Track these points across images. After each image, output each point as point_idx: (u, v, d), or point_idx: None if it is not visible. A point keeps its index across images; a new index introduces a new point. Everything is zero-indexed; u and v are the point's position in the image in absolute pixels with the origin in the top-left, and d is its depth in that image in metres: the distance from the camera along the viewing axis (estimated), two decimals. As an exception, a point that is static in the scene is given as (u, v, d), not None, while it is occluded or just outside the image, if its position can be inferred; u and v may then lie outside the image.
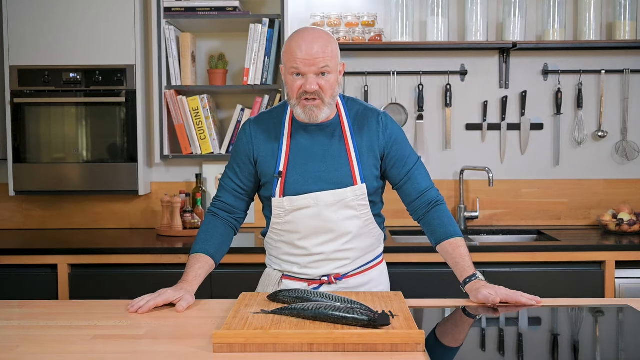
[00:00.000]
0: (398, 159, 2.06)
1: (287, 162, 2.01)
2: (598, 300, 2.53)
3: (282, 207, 2.02)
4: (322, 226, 2.01)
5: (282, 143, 2.03)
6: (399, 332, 1.53)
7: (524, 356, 1.60)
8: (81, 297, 2.92)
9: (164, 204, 3.36)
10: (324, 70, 1.92)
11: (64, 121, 3.31)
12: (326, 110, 1.96)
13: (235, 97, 3.56)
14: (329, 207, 2.00)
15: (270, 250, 2.15)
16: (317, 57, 1.89)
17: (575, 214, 3.59)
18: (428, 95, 3.56)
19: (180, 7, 3.30)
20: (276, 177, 2.01)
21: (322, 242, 2.03)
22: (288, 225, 2.04)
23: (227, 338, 1.53)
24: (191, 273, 1.96)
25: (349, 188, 2.00)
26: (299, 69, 1.91)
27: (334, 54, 1.94)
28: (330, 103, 1.97)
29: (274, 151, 2.03)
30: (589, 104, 3.56)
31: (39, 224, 3.59)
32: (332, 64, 1.93)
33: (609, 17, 3.51)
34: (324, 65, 1.91)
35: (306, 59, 1.89)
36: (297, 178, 2.00)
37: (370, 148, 2.04)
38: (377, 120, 2.06)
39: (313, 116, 1.96)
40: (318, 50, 1.90)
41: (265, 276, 2.17)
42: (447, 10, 3.44)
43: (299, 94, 1.93)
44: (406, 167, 2.07)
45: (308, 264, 2.06)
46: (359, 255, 2.08)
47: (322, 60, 1.90)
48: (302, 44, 1.90)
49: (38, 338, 1.64)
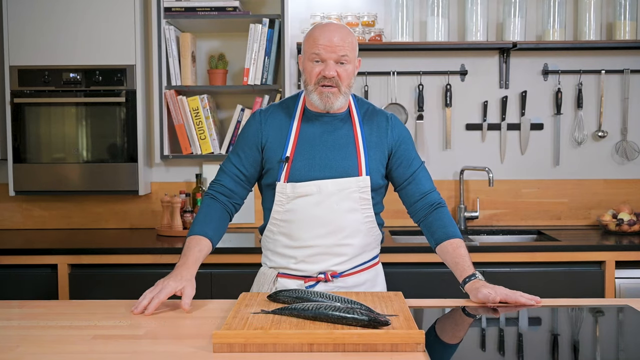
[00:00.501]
0: (404, 159, 2.10)
1: (295, 149, 2.04)
2: (598, 300, 2.53)
3: (285, 194, 2.03)
4: (323, 216, 2.02)
5: (291, 130, 2.06)
6: (399, 332, 1.53)
7: (524, 356, 1.60)
8: (81, 297, 2.92)
9: (164, 204, 3.36)
10: (343, 60, 1.98)
11: (64, 121, 3.31)
12: (341, 99, 2.01)
13: (235, 97, 3.56)
14: (331, 196, 2.01)
15: (267, 244, 2.14)
16: (338, 45, 1.96)
17: (575, 214, 3.59)
18: (428, 95, 3.56)
19: (180, 7, 3.30)
20: (282, 162, 2.03)
21: (320, 234, 2.03)
22: (288, 214, 2.04)
23: (227, 338, 1.53)
24: (191, 257, 1.94)
25: (353, 178, 2.02)
26: (320, 55, 1.97)
27: (353, 46, 2.01)
28: (346, 92, 2.02)
29: (282, 137, 2.06)
30: (589, 104, 3.56)
31: (39, 224, 3.59)
32: (351, 55, 2.00)
33: (609, 17, 3.51)
34: (343, 54, 1.97)
35: (328, 46, 1.96)
36: (303, 164, 2.03)
37: (378, 143, 2.07)
38: (387, 119, 2.12)
39: (329, 103, 2.00)
40: (339, 39, 1.97)
41: (260, 275, 2.16)
42: (447, 10, 3.44)
43: (318, 79, 1.99)
44: (411, 168, 2.10)
45: (305, 258, 2.05)
46: (356, 253, 2.08)
47: (342, 48, 1.97)
48: (325, 31, 1.98)
49: (38, 338, 1.64)
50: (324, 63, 1.98)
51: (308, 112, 2.08)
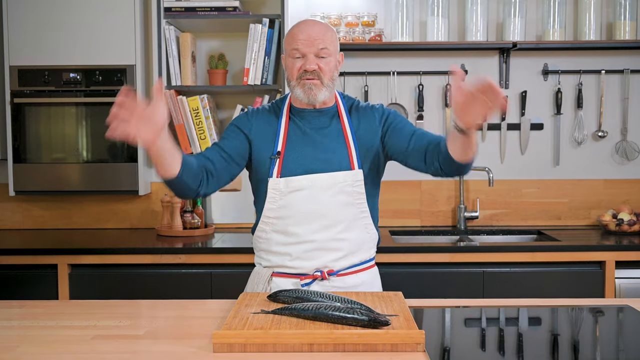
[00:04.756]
0: (399, 127, 2.07)
1: (285, 144, 2.05)
2: (598, 300, 2.53)
3: (278, 189, 2.03)
4: (317, 210, 2.01)
5: (280, 127, 2.08)
6: (399, 332, 1.53)
7: (524, 356, 1.60)
8: (81, 297, 2.92)
9: (164, 204, 3.36)
10: (323, 53, 2.00)
11: (64, 121, 3.31)
12: (324, 91, 2.02)
13: (235, 97, 3.56)
14: (325, 190, 2.01)
15: (260, 244, 2.12)
16: (316, 38, 1.99)
17: (575, 214, 3.59)
18: (428, 95, 3.56)
19: (180, 7, 3.30)
20: (274, 158, 2.04)
21: (316, 228, 2.02)
22: (282, 210, 2.03)
23: (227, 338, 1.53)
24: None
25: (346, 172, 2.03)
26: (300, 50, 2.00)
27: (333, 40, 2.04)
28: (328, 85, 2.03)
29: (271, 134, 2.07)
30: (589, 104, 3.56)
31: (39, 224, 3.59)
32: (331, 48, 2.02)
33: (609, 17, 3.51)
34: (322, 47, 2.00)
35: (306, 40, 1.99)
36: (294, 159, 2.04)
37: (368, 132, 2.07)
38: (373, 108, 2.13)
39: (312, 95, 2.01)
40: (318, 32, 2.00)
41: (254, 274, 2.13)
42: (447, 10, 3.44)
43: (300, 74, 2.01)
44: (408, 130, 2.05)
45: (301, 254, 2.03)
46: (352, 250, 2.06)
47: (322, 41, 2.00)
48: (303, 27, 2.02)
49: (38, 338, 1.64)
50: (304, 58, 2.00)
51: (295, 109, 2.10)
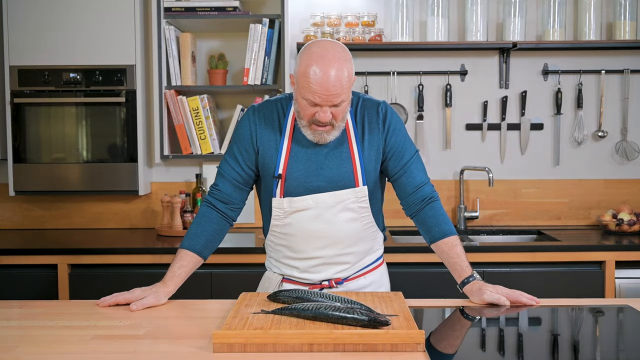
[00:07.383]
0: (396, 150, 2.02)
1: (287, 163, 1.98)
2: (598, 300, 2.53)
3: (282, 209, 2.00)
4: (322, 229, 1.99)
5: (283, 142, 1.99)
6: (399, 332, 1.53)
7: (524, 356, 1.59)
8: (81, 297, 2.92)
9: (164, 204, 3.36)
10: (339, 103, 1.87)
11: (64, 121, 3.31)
12: (335, 132, 1.93)
13: (235, 97, 3.56)
14: (329, 208, 1.98)
15: (270, 252, 2.13)
16: (333, 93, 1.83)
17: (575, 214, 3.59)
18: (428, 95, 3.56)
19: (180, 7, 3.30)
20: (276, 179, 1.99)
21: (322, 245, 2.01)
22: (287, 227, 2.01)
23: (227, 338, 1.53)
24: (169, 274, 1.97)
25: (350, 190, 1.98)
26: (315, 102, 1.85)
27: (350, 81, 1.87)
28: (340, 126, 1.93)
29: (275, 145, 1.99)
30: (589, 104, 3.56)
31: (39, 224, 3.59)
32: (347, 94, 1.88)
33: (609, 17, 3.51)
34: (340, 101, 1.86)
35: (323, 95, 1.83)
36: (297, 177, 1.97)
37: (371, 139, 2.00)
38: (377, 110, 2.03)
39: (322, 139, 1.93)
40: (335, 85, 1.82)
41: (265, 279, 2.14)
42: (447, 10, 3.44)
43: (311, 120, 1.90)
44: (403, 159, 2.03)
45: (308, 269, 2.04)
46: (359, 259, 2.07)
47: (338, 96, 1.84)
48: (319, 74, 1.82)
49: (38, 338, 1.64)
50: (317, 106, 1.86)
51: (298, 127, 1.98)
